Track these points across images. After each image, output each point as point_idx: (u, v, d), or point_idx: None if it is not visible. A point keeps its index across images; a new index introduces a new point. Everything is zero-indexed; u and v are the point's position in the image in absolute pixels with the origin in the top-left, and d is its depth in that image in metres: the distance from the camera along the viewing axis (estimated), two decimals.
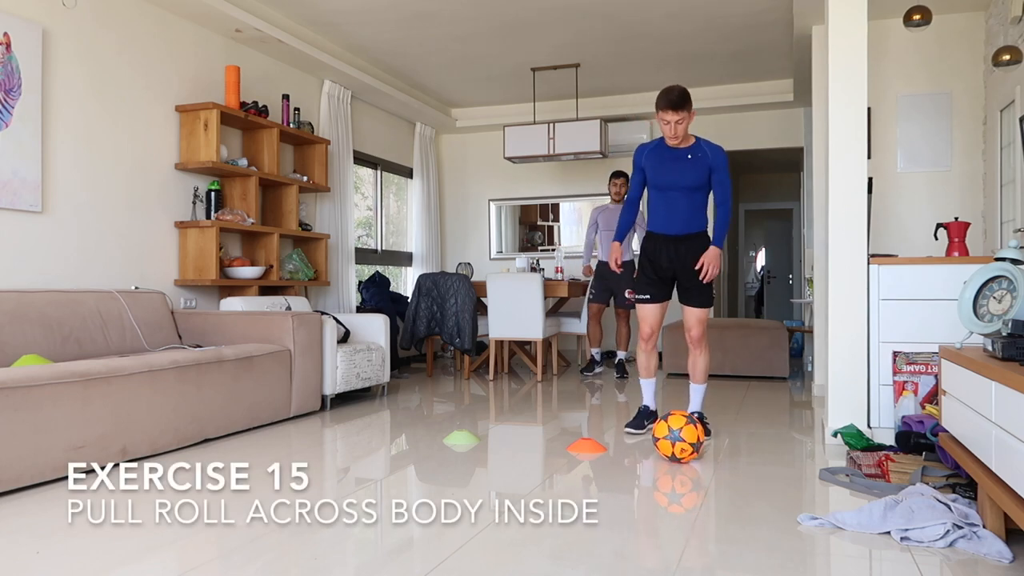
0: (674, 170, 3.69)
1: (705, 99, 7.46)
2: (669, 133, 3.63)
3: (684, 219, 3.75)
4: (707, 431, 3.68)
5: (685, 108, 3.57)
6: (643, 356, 3.96)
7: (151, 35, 4.63)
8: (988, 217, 4.93)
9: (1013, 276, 2.31)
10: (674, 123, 3.58)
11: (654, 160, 3.74)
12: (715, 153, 3.69)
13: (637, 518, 2.45)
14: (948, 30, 5.12)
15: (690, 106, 3.60)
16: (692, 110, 3.62)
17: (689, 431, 3.16)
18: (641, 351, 3.96)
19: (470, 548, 2.16)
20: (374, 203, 7.47)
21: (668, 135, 3.65)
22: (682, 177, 3.68)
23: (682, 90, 3.59)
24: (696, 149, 3.70)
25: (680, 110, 3.56)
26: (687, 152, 3.69)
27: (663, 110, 3.58)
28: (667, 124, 3.60)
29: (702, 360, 3.87)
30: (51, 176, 4.01)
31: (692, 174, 3.67)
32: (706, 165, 3.67)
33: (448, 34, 5.81)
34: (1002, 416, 1.93)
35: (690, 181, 3.68)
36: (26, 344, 3.48)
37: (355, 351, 4.83)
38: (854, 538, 2.24)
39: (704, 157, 3.68)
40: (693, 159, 3.68)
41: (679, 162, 3.68)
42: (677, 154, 3.70)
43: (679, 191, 3.71)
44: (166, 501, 2.64)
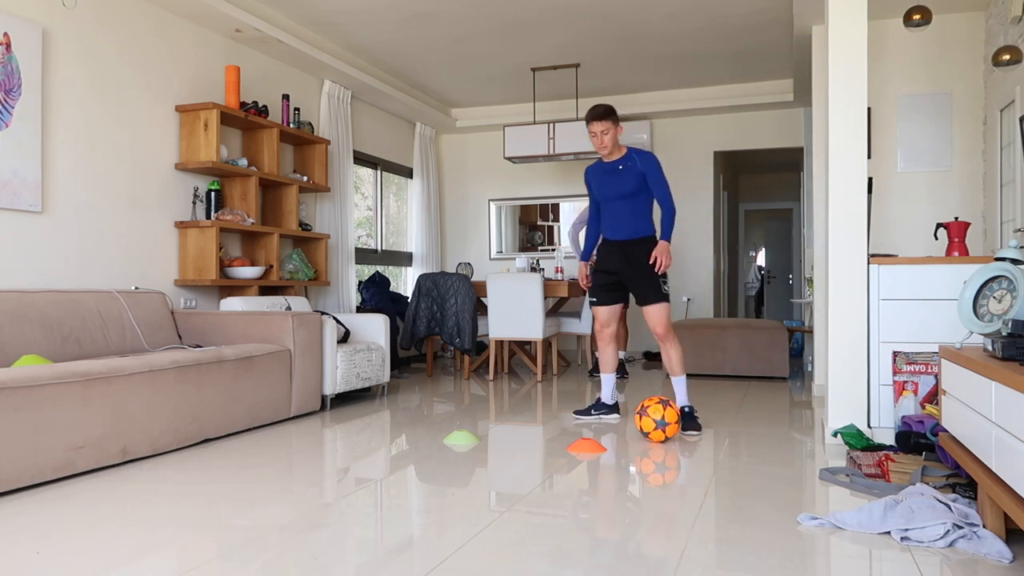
0: (610, 182, 4.09)
1: (705, 99, 7.47)
2: (597, 144, 4.06)
3: (627, 225, 4.09)
4: (697, 426, 3.92)
5: (607, 120, 3.99)
6: (600, 348, 4.28)
7: (151, 35, 4.63)
8: (988, 217, 4.93)
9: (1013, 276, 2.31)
10: (600, 134, 4.01)
11: (595, 177, 4.18)
12: (643, 159, 4.04)
13: (637, 518, 2.45)
14: (948, 30, 5.12)
15: (614, 119, 4.02)
16: (618, 124, 4.05)
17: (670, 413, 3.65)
18: (599, 344, 4.27)
19: (470, 548, 2.16)
20: (374, 203, 7.47)
21: (596, 147, 4.08)
22: (618, 187, 4.07)
23: (605, 106, 4.02)
24: (626, 160, 4.08)
25: (604, 120, 3.99)
26: (619, 164, 4.09)
27: (589, 123, 4.03)
28: (594, 136, 4.04)
29: (674, 353, 4.09)
30: (51, 176, 4.02)
31: (625, 183, 4.05)
32: (637, 172, 4.03)
33: (448, 34, 5.81)
34: (1002, 416, 1.93)
35: (625, 189, 4.05)
36: (26, 344, 3.48)
37: (355, 351, 4.83)
38: (854, 538, 2.24)
39: (634, 165, 4.04)
40: (624, 169, 4.06)
41: (614, 174, 4.09)
42: (611, 167, 4.11)
43: (618, 200, 4.09)
44: (166, 501, 2.64)
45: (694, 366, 6.19)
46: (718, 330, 6.14)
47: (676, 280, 7.98)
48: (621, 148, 4.10)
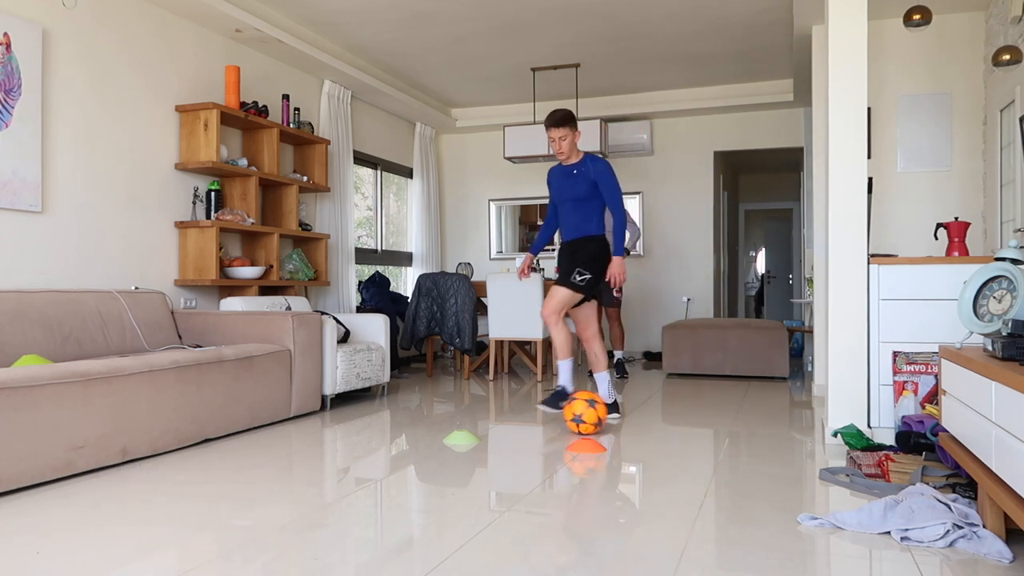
0: (564, 185, 4.21)
1: (705, 99, 7.47)
2: (555, 149, 4.17)
3: (573, 226, 4.22)
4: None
5: (565, 126, 4.10)
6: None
7: (151, 35, 4.63)
8: (988, 217, 4.93)
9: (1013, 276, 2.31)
10: (558, 139, 4.12)
11: (553, 179, 4.30)
12: (596, 166, 4.15)
13: (637, 518, 2.45)
14: (948, 30, 5.12)
15: (572, 125, 4.13)
16: (576, 130, 4.16)
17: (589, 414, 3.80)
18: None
19: (470, 548, 2.16)
20: (374, 203, 7.47)
21: (555, 151, 4.18)
22: (569, 191, 4.19)
23: (564, 112, 4.12)
24: (581, 165, 4.19)
25: (560, 128, 4.09)
26: (573, 168, 4.20)
27: (548, 129, 4.13)
28: (552, 141, 4.15)
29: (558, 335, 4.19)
30: (51, 176, 4.02)
31: (577, 187, 4.16)
32: (589, 178, 4.14)
33: (448, 34, 5.81)
34: (1002, 416, 1.93)
35: (575, 193, 4.17)
36: (26, 344, 3.48)
37: (355, 351, 4.83)
38: (854, 538, 2.24)
39: (587, 172, 4.16)
40: (578, 174, 4.17)
41: (569, 178, 4.21)
42: (567, 171, 4.22)
43: (569, 203, 4.22)
44: (166, 501, 2.64)
45: (694, 366, 6.19)
46: (718, 330, 6.14)
47: (676, 280, 7.98)
48: (579, 153, 4.23)
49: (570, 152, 4.17)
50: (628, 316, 8.12)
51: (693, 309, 7.94)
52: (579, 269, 4.12)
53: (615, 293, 6.19)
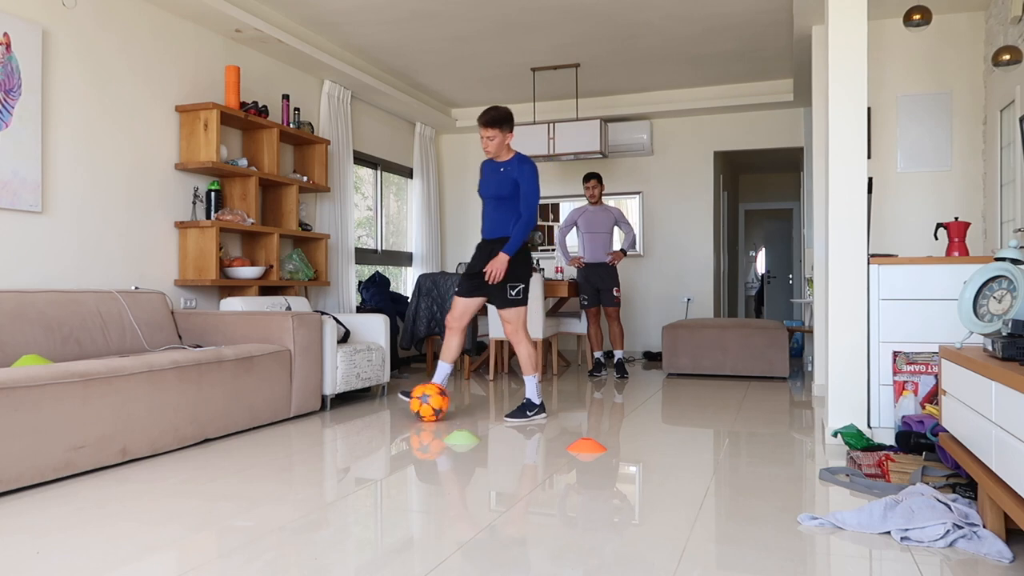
0: (490, 182, 4.29)
1: (705, 99, 7.47)
2: (483, 145, 4.24)
3: (492, 225, 4.30)
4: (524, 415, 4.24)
5: (496, 127, 4.16)
6: (446, 337, 4.38)
7: (151, 35, 4.63)
8: (988, 217, 4.93)
9: (1013, 276, 2.31)
10: (485, 139, 4.20)
11: (483, 172, 4.37)
12: (521, 166, 4.22)
13: (637, 518, 2.45)
14: (948, 30, 5.12)
15: (504, 127, 4.18)
16: (508, 131, 4.20)
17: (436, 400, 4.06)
18: (446, 335, 4.38)
19: (470, 548, 2.16)
20: (374, 203, 7.47)
21: (483, 148, 4.25)
22: (494, 188, 4.26)
23: (497, 112, 4.16)
24: (508, 164, 4.26)
25: (491, 128, 4.16)
26: (501, 166, 4.28)
27: (480, 126, 4.20)
28: (482, 139, 4.22)
29: (521, 351, 4.28)
30: (51, 176, 4.02)
31: (501, 185, 4.23)
32: (512, 178, 4.21)
33: (448, 34, 5.81)
34: (1002, 416, 1.93)
35: (498, 191, 4.24)
36: (26, 344, 3.48)
37: (355, 351, 4.83)
38: (854, 538, 2.24)
39: (512, 171, 4.23)
40: (504, 172, 4.25)
41: (495, 175, 4.28)
42: (495, 168, 4.30)
43: (491, 200, 4.30)
44: (166, 501, 2.64)
45: (694, 366, 6.19)
46: (718, 330, 6.14)
47: (676, 280, 7.98)
48: (510, 151, 4.29)
49: (498, 151, 4.24)
50: (628, 316, 8.12)
51: (693, 309, 7.94)
52: (510, 285, 4.23)
53: (614, 292, 6.19)
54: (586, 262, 6.28)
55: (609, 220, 6.27)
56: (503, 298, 4.26)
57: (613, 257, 6.21)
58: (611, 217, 6.28)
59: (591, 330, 6.33)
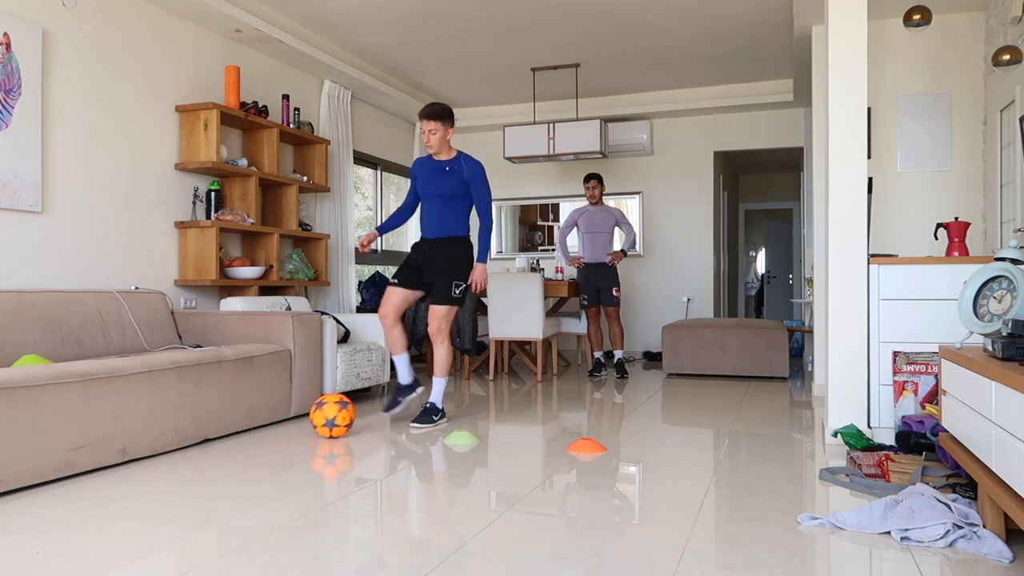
0: (433, 180, 4.16)
1: (705, 99, 7.47)
2: (424, 141, 4.11)
3: (438, 224, 4.18)
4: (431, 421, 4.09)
5: (438, 120, 4.04)
6: (386, 330, 4.22)
7: (151, 35, 4.63)
8: (988, 217, 4.93)
9: (1013, 276, 2.31)
10: (428, 132, 4.07)
11: (421, 171, 4.23)
12: (470, 167, 4.13)
13: (637, 518, 2.45)
14: (948, 30, 5.12)
15: (447, 121, 4.07)
16: (450, 126, 4.09)
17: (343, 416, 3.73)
18: (384, 332, 4.24)
19: (470, 548, 2.16)
20: (374, 203, 7.47)
21: (424, 143, 4.13)
22: (439, 187, 4.14)
23: (440, 105, 4.06)
24: (454, 163, 4.15)
25: (433, 120, 4.04)
26: (445, 165, 4.16)
27: (421, 119, 4.07)
28: (423, 133, 4.10)
29: (440, 352, 4.20)
30: (51, 176, 4.02)
31: (447, 184, 4.13)
32: (461, 178, 4.13)
33: (448, 34, 5.81)
34: (1002, 416, 1.93)
35: (445, 190, 4.13)
36: (26, 344, 3.48)
37: (355, 351, 4.83)
38: (854, 538, 2.24)
39: (460, 171, 4.13)
40: (450, 171, 4.14)
41: (439, 173, 4.16)
42: (439, 166, 4.17)
43: (436, 199, 4.17)
44: (166, 501, 2.64)
45: (694, 366, 6.19)
46: (718, 330, 6.14)
47: (676, 280, 7.98)
48: (451, 150, 4.18)
49: (440, 147, 4.11)
50: (628, 316, 8.12)
51: (693, 309, 7.94)
52: (456, 282, 4.14)
53: (614, 292, 6.19)
54: (586, 262, 6.28)
55: (610, 220, 6.28)
56: (446, 295, 4.13)
57: (613, 257, 6.21)
58: (611, 218, 6.28)
59: (591, 330, 6.33)
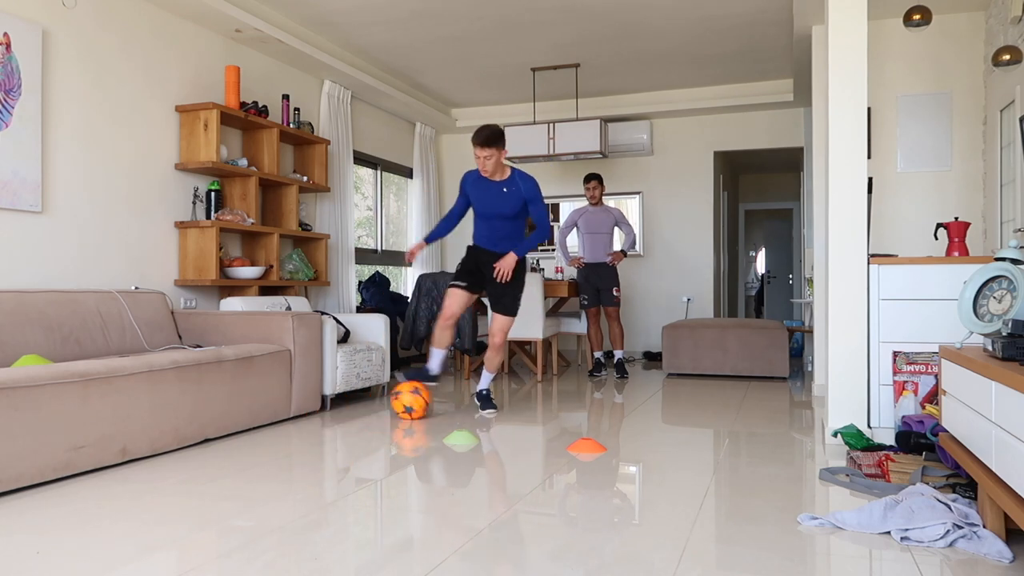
0: (491, 202, 4.30)
1: (705, 99, 7.47)
2: (482, 167, 4.21)
3: (498, 241, 4.37)
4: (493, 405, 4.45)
5: (493, 146, 4.12)
6: (439, 331, 4.44)
7: (151, 35, 4.63)
8: (988, 217, 4.93)
9: (1013, 276, 2.31)
10: (483, 158, 4.16)
11: (476, 190, 4.35)
12: (527, 185, 4.25)
13: (637, 518, 2.45)
14: (948, 30, 5.12)
15: (501, 144, 4.15)
16: (502, 148, 4.17)
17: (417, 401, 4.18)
18: (440, 327, 4.43)
19: (470, 548, 2.16)
20: (374, 203, 7.47)
21: (480, 168, 4.24)
22: (497, 207, 4.29)
23: (492, 130, 4.13)
24: (510, 183, 4.26)
25: (488, 147, 4.11)
26: (503, 185, 4.26)
27: (476, 147, 4.15)
28: (479, 159, 4.18)
29: (498, 359, 4.52)
30: (51, 176, 4.02)
31: (506, 205, 4.27)
32: (520, 197, 4.26)
33: (448, 34, 5.81)
34: (1002, 416, 1.93)
35: (505, 211, 4.29)
36: (26, 344, 3.48)
37: (355, 351, 4.83)
38: (854, 538, 2.24)
39: (517, 191, 4.25)
40: (508, 192, 4.25)
41: (497, 195, 4.28)
42: (495, 187, 4.28)
43: (499, 219, 4.33)
44: (166, 501, 2.64)
45: (694, 366, 6.19)
46: (718, 330, 6.13)
47: (676, 280, 7.98)
48: (505, 169, 4.27)
49: (495, 169, 4.22)
50: (628, 316, 8.12)
51: (693, 309, 7.94)
52: (518, 293, 4.39)
53: (614, 292, 6.20)
54: (586, 262, 6.28)
55: (610, 221, 6.28)
56: (512, 307, 4.39)
57: (613, 257, 6.21)
58: (611, 218, 6.28)
59: (591, 330, 6.33)
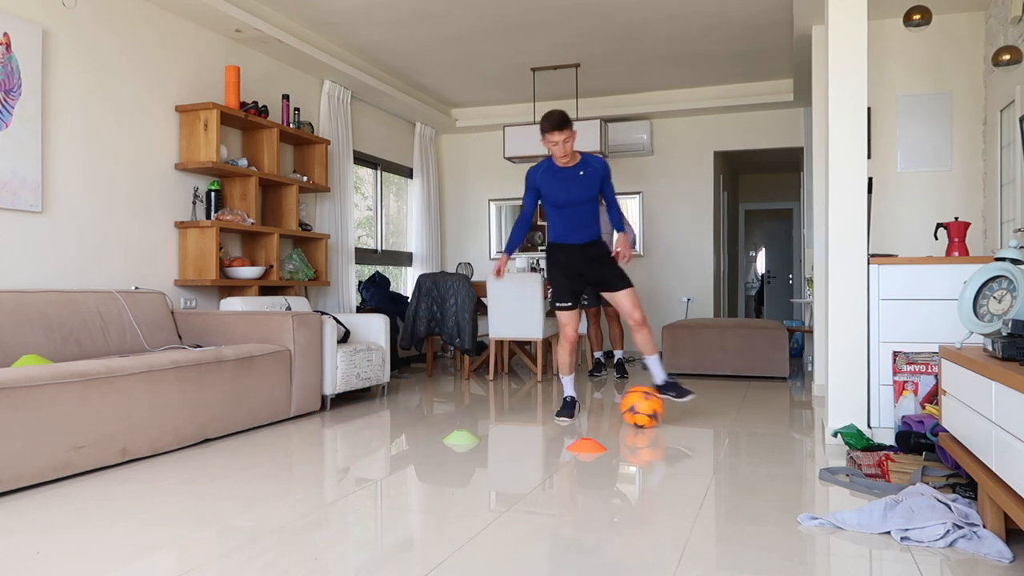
0: (567, 189, 4.11)
1: (705, 99, 7.47)
2: (559, 152, 4.03)
3: (587, 229, 4.18)
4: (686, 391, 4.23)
5: (566, 128, 3.97)
6: (565, 355, 4.33)
7: (151, 35, 4.63)
8: (988, 217, 4.93)
9: (1013, 276, 2.31)
10: (561, 142, 3.98)
11: (549, 181, 4.14)
12: (602, 165, 4.13)
13: (637, 518, 2.45)
14: (948, 30, 5.12)
15: (571, 125, 4.01)
16: (574, 129, 4.07)
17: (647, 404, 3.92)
18: (564, 351, 4.33)
19: (470, 548, 2.16)
20: (374, 203, 7.47)
21: (558, 155, 4.05)
22: (575, 194, 4.11)
23: (562, 112, 3.99)
24: (585, 165, 4.11)
25: (563, 130, 3.96)
26: (578, 169, 4.11)
27: (549, 132, 3.98)
28: (555, 144, 4.00)
29: (647, 334, 4.22)
30: (51, 176, 4.02)
31: (588, 189, 4.11)
32: (597, 178, 4.11)
33: (448, 34, 5.81)
34: (1002, 416, 1.93)
35: (588, 195, 4.12)
36: (26, 344, 3.48)
37: (355, 351, 4.83)
38: (854, 538, 2.24)
39: (595, 172, 4.11)
40: (585, 175, 4.10)
41: (574, 180, 4.10)
42: (569, 173, 4.11)
43: (579, 205, 4.13)
44: (166, 501, 2.64)
45: (694, 366, 6.19)
46: (718, 330, 6.13)
47: (676, 280, 7.99)
48: (575, 154, 4.13)
49: (571, 153, 4.07)
50: None
51: (693, 309, 7.94)
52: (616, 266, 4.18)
53: None
54: None
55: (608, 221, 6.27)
56: (624, 278, 4.16)
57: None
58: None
59: (591, 330, 6.33)
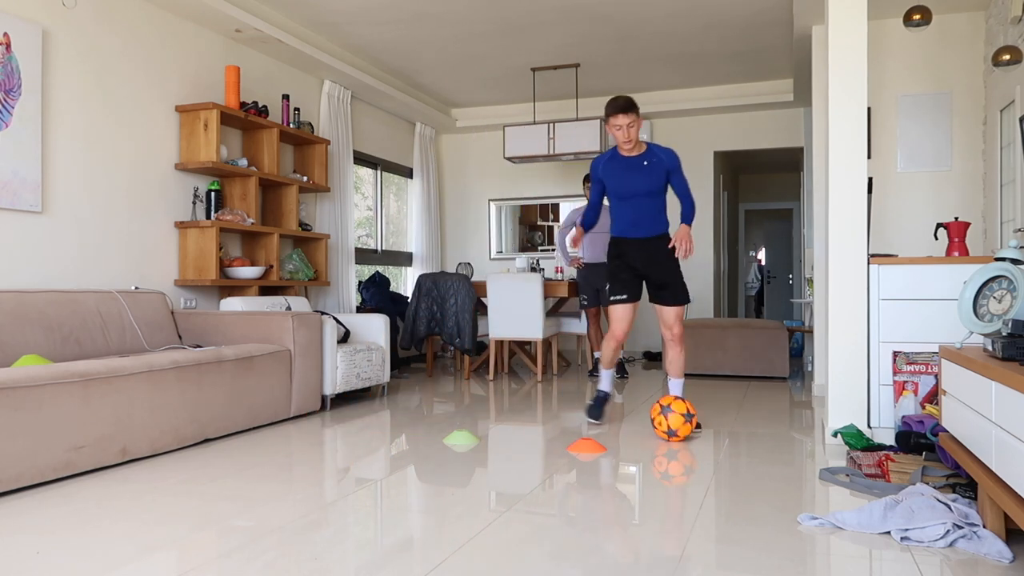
0: (632, 179, 3.93)
1: (705, 99, 7.47)
2: (623, 138, 3.86)
3: (651, 222, 3.98)
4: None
5: (634, 111, 3.81)
6: (610, 352, 4.17)
7: (151, 35, 4.63)
8: (988, 217, 4.93)
9: (1013, 276, 2.31)
10: (626, 127, 3.82)
11: (613, 171, 3.97)
12: (669, 156, 3.92)
13: (637, 518, 2.45)
14: (948, 30, 5.12)
15: (638, 110, 3.84)
16: (640, 115, 3.87)
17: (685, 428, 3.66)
18: (609, 348, 4.17)
19: (470, 548, 2.16)
20: (374, 203, 7.47)
21: (622, 140, 3.87)
22: (643, 184, 3.92)
23: (628, 97, 3.84)
24: (651, 155, 3.92)
25: (630, 113, 3.80)
26: (643, 159, 3.92)
27: (614, 115, 3.82)
28: (620, 129, 3.84)
29: (682, 356, 4.11)
30: (51, 176, 4.02)
31: (652, 180, 3.91)
32: (663, 169, 3.91)
33: (448, 34, 5.81)
34: (1002, 416, 1.93)
35: (651, 187, 3.92)
36: (26, 344, 3.48)
37: (355, 351, 4.83)
38: (854, 538, 2.24)
39: (660, 163, 3.91)
40: (650, 165, 3.91)
41: (638, 171, 3.92)
42: (633, 163, 3.92)
43: (642, 197, 3.94)
44: (166, 501, 2.64)
45: (694, 366, 6.19)
46: (718, 330, 6.13)
47: None
48: (641, 143, 3.94)
49: (636, 140, 3.88)
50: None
51: (693, 309, 7.94)
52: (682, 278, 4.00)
53: None
54: (586, 262, 6.28)
55: (609, 221, 6.27)
56: (684, 294, 3.96)
57: None
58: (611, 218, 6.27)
59: (591, 330, 6.33)
